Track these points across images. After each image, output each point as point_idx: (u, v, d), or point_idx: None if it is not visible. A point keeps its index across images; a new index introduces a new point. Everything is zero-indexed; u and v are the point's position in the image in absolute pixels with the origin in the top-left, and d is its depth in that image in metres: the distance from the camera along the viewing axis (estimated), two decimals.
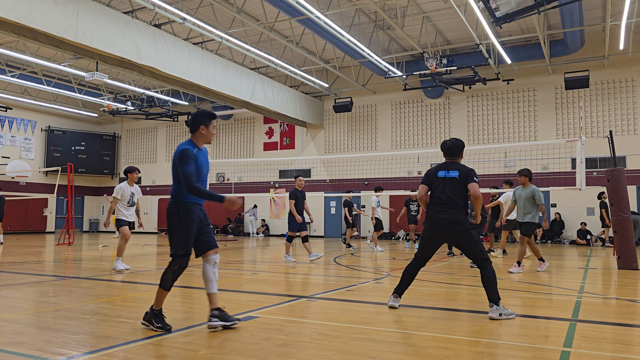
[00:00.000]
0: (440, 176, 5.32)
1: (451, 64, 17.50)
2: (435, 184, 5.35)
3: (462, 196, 5.19)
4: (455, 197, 5.16)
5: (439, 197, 5.24)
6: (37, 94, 24.66)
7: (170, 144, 28.92)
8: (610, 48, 18.17)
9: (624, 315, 5.19)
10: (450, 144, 5.45)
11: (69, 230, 16.52)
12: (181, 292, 6.48)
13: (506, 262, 10.92)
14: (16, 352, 3.57)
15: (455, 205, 5.13)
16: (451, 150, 5.43)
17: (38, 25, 11.50)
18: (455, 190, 5.18)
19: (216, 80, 17.33)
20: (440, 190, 5.25)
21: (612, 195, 9.98)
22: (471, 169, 5.26)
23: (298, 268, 9.88)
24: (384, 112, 23.26)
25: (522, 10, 11.04)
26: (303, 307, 5.51)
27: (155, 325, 4.27)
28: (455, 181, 5.21)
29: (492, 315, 4.84)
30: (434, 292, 6.63)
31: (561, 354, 3.64)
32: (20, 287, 6.85)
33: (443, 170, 5.34)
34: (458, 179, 5.21)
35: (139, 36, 14.15)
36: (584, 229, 18.32)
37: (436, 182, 5.35)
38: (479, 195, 5.12)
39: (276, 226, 25.17)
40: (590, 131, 19.23)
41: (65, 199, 26.68)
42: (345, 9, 15.30)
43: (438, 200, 5.23)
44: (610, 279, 8.28)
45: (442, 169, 5.36)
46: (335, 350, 3.69)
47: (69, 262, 10.64)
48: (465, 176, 5.20)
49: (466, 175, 5.19)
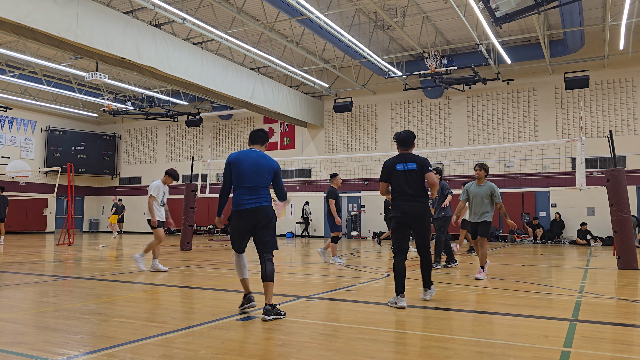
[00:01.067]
0: (399, 169, 5.71)
1: (451, 64, 17.51)
2: (395, 175, 5.72)
3: (423, 185, 5.70)
4: (418, 187, 5.66)
5: (403, 189, 5.66)
6: (37, 94, 24.66)
7: (170, 144, 28.93)
8: (610, 48, 18.17)
9: (624, 315, 5.19)
10: (405, 135, 5.84)
11: (69, 230, 16.52)
12: (181, 292, 6.49)
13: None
14: (16, 352, 3.57)
15: (421, 194, 5.66)
16: (406, 141, 5.84)
17: (38, 25, 11.51)
18: (417, 180, 5.67)
19: (216, 80, 17.34)
20: (403, 182, 5.66)
21: (612, 195, 9.98)
22: (425, 159, 5.73)
23: (298, 268, 9.88)
24: (384, 112, 23.27)
25: (522, 10, 11.04)
26: (303, 307, 5.51)
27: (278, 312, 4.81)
28: (415, 172, 5.66)
29: (424, 297, 5.87)
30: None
31: (561, 354, 3.64)
32: (20, 287, 6.85)
33: (401, 162, 5.73)
34: (416, 169, 5.67)
35: (139, 36, 14.15)
36: (584, 229, 18.32)
37: (396, 174, 5.72)
38: (435, 182, 5.63)
39: (277, 226, 25.17)
40: (590, 131, 19.23)
41: (65, 199, 26.69)
42: (345, 9, 15.30)
43: (404, 191, 5.66)
44: (610, 279, 8.27)
45: (399, 162, 5.74)
46: (335, 350, 3.69)
47: (69, 262, 10.64)
48: (421, 166, 5.67)
49: (422, 165, 5.67)
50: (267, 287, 4.82)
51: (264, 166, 5.00)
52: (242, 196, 4.93)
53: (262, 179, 4.98)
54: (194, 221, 14.97)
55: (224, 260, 11.03)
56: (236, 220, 4.97)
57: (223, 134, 27.31)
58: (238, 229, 4.98)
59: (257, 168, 4.97)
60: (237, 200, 4.96)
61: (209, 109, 26.39)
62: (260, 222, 4.95)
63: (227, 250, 14.69)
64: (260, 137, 5.22)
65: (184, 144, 28.51)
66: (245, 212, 4.90)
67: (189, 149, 28.19)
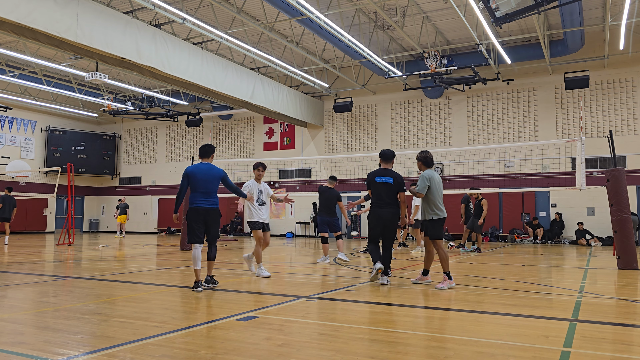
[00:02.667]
0: (377, 181, 7.20)
1: (451, 64, 17.50)
2: (374, 186, 7.22)
3: (395, 197, 7.20)
4: (391, 198, 7.16)
5: (381, 198, 7.15)
6: (37, 94, 24.66)
7: (170, 144, 28.93)
8: (610, 48, 18.17)
9: (624, 315, 5.19)
10: (388, 153, 7.38)
11: (69, 230, 16.52)
12: (181, 292, 6.49)
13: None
14: (16, 352, 3.57)
15: (392, 204, 7.17)
16: (388, 158, 7.36)
17: (38, 25, 11.50)
18: (391, 192, 7.16)
19: (216, 80, 17.33)
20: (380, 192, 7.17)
21: (612, 195, 9.98)
22: (402, 179, 7.24)
23: (298, 268, 9.88)
24: (384, 112, 23.27)
25: (522, 10, 11.04)
26: (303, 307, 5.51)
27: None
28: (390, 186, 7.16)
29: (382, 282, 7.03)
30: (434, 292, 6.63)
31: (561, 354, 3.64)
32: (20, 287, 6.85)
33: (380, 176, 7.22)
34: (392, 184, 7.16)
35: (139, 36, 14.15)
36: (581, 228, 18.31)
37: (375, 186, 7.22)
38: (404, 200, 7.20)
39: (277, 226, 25.16)
40: (590, 131, 19.23)
41: (65, 199, 26.69)
42: (345, 9, 15.30)
43: (381, 200, 7.16)
44: (610, 279, 8.27)
45: (379, 175, 7.24)
46: (335, 350, 3.69)
47: (69, 262, 10.64)
48: (397, 184, 7.18)
49: (398, 184, 7.19)
50: (210, 264, 6.76)
51: (213, 175, 6.67)
52: (197, 198, 6.61)
53: (213, 185, 6.67)
54: None
55: (224, 260, 11.03)
56: (193, 215, 6.56)
57: (223, 134, 27.31)
58: (195, 220, 6.55)
59: (207, 177, 6.62)
60: (194, 200, 6.61)
61: (209, 109, 26.39)
62: (210, 220, 6.61)
63: (227, 250, 14.70)
64: (207, 151, 6.82)
65: (184, 144, 28.50)
66: (198, 209, 6.56)
67: (189, 149, 28.18)
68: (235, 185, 6.98)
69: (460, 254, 12.87)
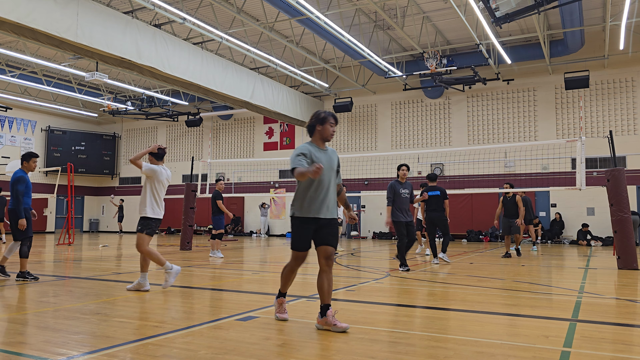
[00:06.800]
0: (430, 194, 10.23)
1: (451, 64, 17.51)
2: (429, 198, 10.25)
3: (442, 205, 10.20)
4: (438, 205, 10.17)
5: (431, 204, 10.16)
6: (37, 94, 24.66)
7: (171, 144, 28.93)
8: (610, 48, 18.17)
9: (624, 315, 5.19)
10: (433, 176, 10.42)
11: (69, 230, 16.52)
12: (181, 292, 6.49)
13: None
14: (16, 352, 3.56)
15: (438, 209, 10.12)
16: (433, 179, 10.42)
17: (38, 25, 11.50)
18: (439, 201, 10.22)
19: (216, 80, 17.33)
20: (432, 201, 10.20)
21: (612, 195, 9.98)
22: (445, 191, 10.17)
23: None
24: (384, 112, 23.27)
25: (522, 10, 11.04)
26: (303, 307, 5.51)
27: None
28: (438, 197, 10.19)
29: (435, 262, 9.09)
30: (434, 292, 6.63)
31: (561, 354, 3.64)
32: (20, 287, 6.85)
33: (431, 190, 10.21)
34: (440, 195, 10.16)
35: (139, 36, 14.15)
36: (585, 230, 18.29)
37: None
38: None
39: (277, 226, 25.17)
40: (590, 131, 19.24)
41: (65, 199, 26.69)
42: (345, 9, 15.30)
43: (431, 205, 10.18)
44: (610, 279, 8.27)
45: (430, 190, 10.24)
46: (335, 350, 3.69)
47: (69, 262, 10.64)
48: (443, 194, 10.33)
49: (443, 194, 10.38)
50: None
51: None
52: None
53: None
54: (194, 221, 14.98)
55: (224, 260, 11.03)
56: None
57: (223, 134, 27.31)
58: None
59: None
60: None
61: (209, 109, 26.39)
62: (11, 220, 7.75)
63: (227, 250, 14.70)
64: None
65: (184, 144, 28.51)
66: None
67: (189, 149, 28.19)
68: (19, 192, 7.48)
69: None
